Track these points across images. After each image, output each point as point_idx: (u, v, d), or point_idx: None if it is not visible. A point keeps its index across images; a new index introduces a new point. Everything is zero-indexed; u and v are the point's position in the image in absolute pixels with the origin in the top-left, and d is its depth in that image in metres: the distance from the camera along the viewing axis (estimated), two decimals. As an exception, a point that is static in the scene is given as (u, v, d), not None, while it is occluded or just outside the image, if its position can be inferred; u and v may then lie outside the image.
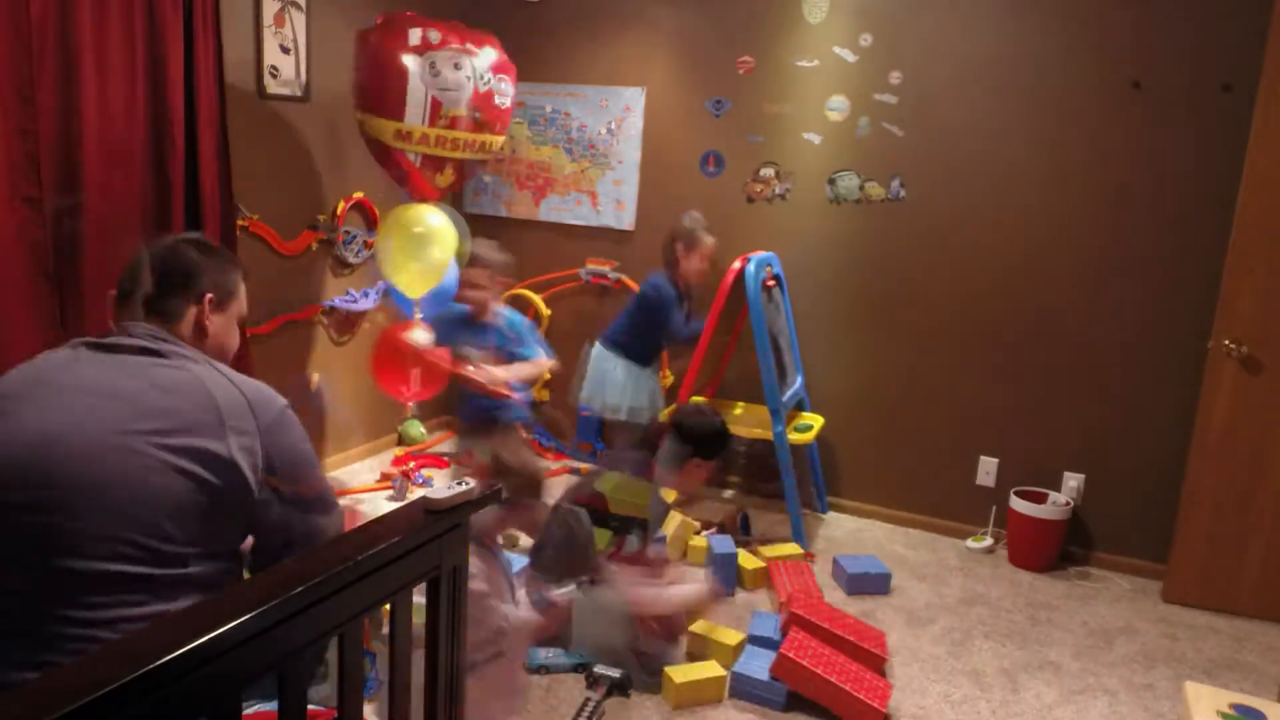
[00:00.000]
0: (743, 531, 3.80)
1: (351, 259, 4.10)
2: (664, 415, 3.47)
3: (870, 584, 3.38)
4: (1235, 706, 2.37)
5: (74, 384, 1.45)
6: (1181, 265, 3.50)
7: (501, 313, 3.28)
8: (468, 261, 3.24)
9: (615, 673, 2.61)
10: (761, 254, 3.78)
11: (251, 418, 1.53)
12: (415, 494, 3.63)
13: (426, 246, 3.60)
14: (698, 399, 3.93)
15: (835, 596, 3.32)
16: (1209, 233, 3.41)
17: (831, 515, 4.13)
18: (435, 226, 3.62)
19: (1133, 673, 2.93)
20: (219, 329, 1.68)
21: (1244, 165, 3.22)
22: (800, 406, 4.06)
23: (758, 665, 2.66)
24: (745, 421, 3.86)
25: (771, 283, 3.81)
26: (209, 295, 1.64)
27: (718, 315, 3.66)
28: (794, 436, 3.67)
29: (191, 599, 1.44)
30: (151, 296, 1.61)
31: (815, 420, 3.93)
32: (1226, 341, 3.28)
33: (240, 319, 1.76)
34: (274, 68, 3.58)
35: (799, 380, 4.01)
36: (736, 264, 3.65)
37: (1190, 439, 3.40)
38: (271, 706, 1.34)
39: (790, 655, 2.58)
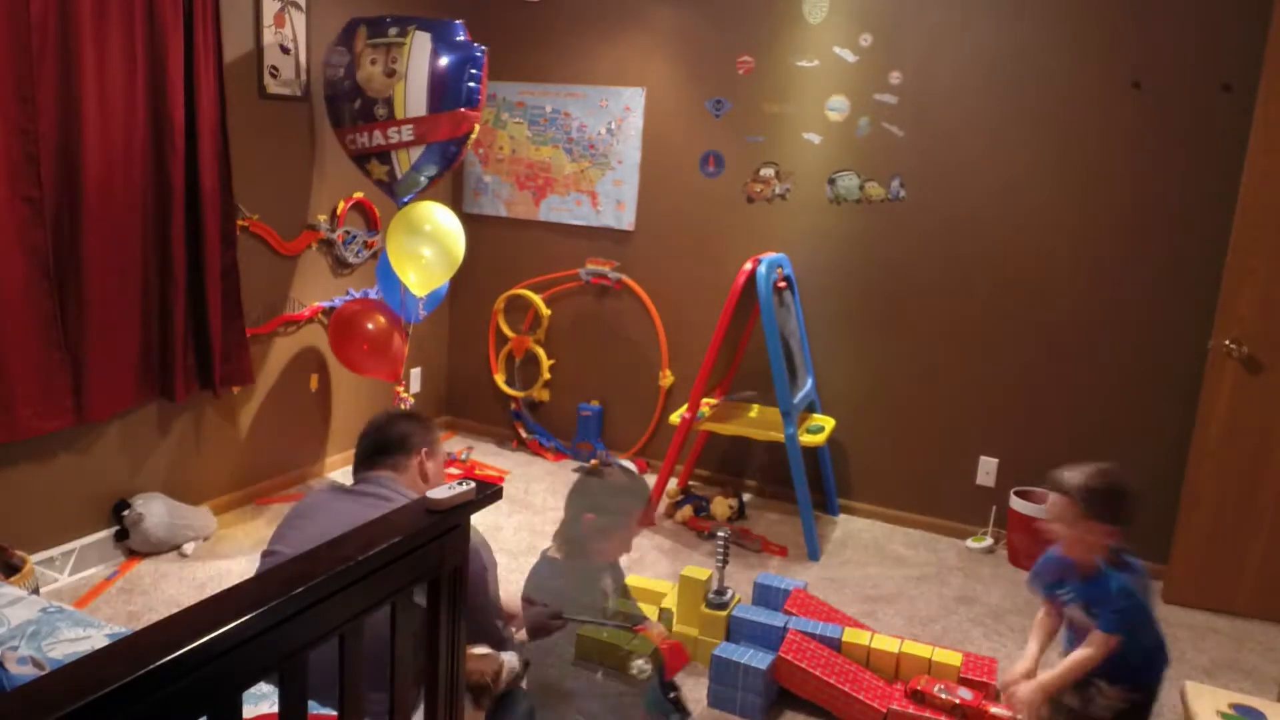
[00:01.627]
0: (739, 515, 3.81)
1: (351, 259, 4.10)
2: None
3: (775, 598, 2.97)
4: (1235, 706, 2.37)
5: (333, 508, 2.03)
6: (1182, 265, 3.50)
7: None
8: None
9: None
10: (773, 255, 3.77)
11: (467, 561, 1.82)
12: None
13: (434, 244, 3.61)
14: (709, 400, 3.92)
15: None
16: (1209, 233, 3.41)
17: (842, 517, 4.13)
18: (442, 224, 3.62)
19: (1133, 673, 2.92)
20: (433, 472, 2.23)
21: (1244, 165, 3.22)
22: (811, 408, 4.06)
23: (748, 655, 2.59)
24: (757, 424, 3.85)
25: (782, 284, 3.81)
26: (424, 449, 2.20)
27: (729, 317, 3.66)
28: (805, 439, 3.67)
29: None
30: (379, 457, 2.15)
31: (826, 422, 3.92)
32: (1227, 342, 3.28)
33: (444, 457, 2.38)
34: (274, 68, 3.58)
35: (810, 382, 4.01)
36: (748, 265, 3.64)
37: (1190, 439, 3.40)
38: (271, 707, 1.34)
39: (788, 658, 2.58)
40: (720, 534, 2.84)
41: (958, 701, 2.37)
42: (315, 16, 3.73)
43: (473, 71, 3.48)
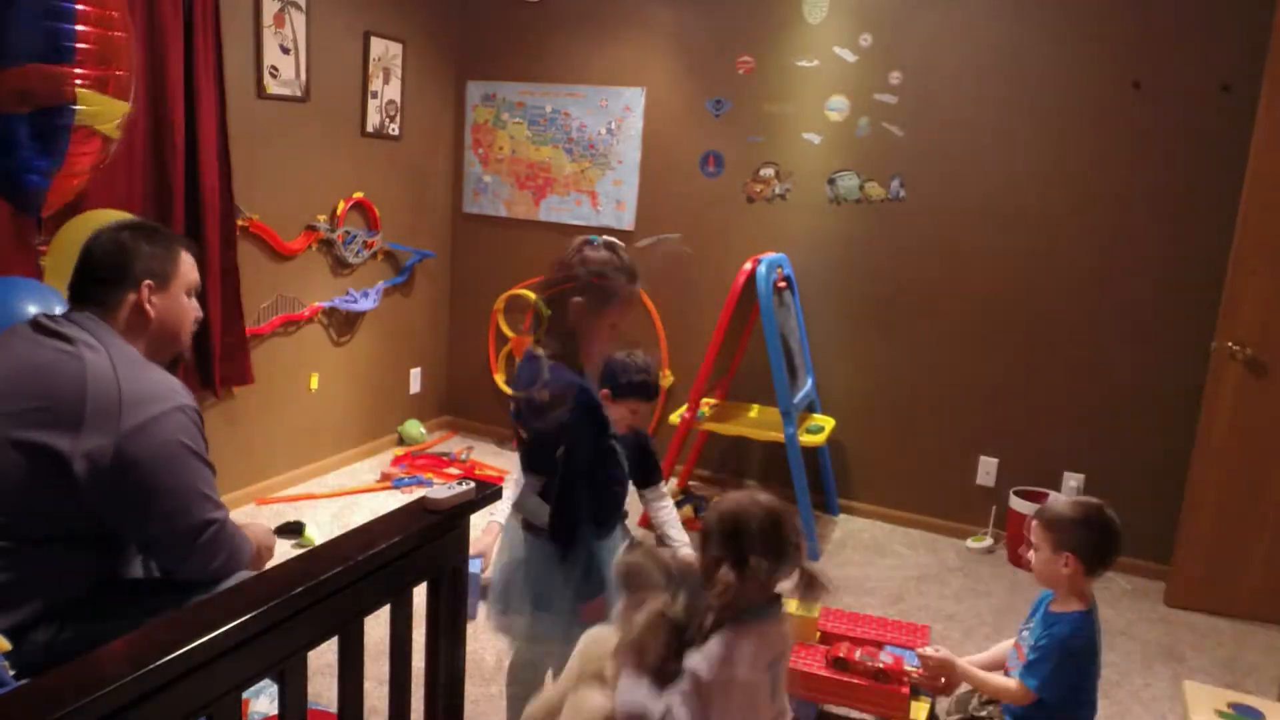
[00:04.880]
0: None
1: (351, 259, 4.10)
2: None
3: None
4: (1234, 705, 2.37)
5: (13, 350, 1.60)
6: (1182, 265, 3.50)
7: None
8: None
9: None
10: (772, 255, 3.77)
11: (116, 418, 1.53)
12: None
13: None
14: (709, 400, 3.92)
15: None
16: (1210, 233, 3.41)
17: (842, 517, 4.13)
18: None
19: (1132, 672, 2.93)
20: (163, 310, 1.70)
21: (1246, 167, 3.21)
22: (811, 408, 4.06)
23: None
24: (757, 424, 3.85)
25: (782, 284, 3.81)
26: (147, 281, 1.68)
27: (729, 316, 3.65)
28: (805, 439, 3.67)
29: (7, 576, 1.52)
30: (87, 287, 1.67)
31: (826, 422, 3.92)
32: (1230, 344, 3.27)
33: (190, 289, 1.78)
34: (274, 68, 3.58)
35: (809, 382, 4.01)
36: (748, 265, 3.64)
37: (1192, 440, 3.39)
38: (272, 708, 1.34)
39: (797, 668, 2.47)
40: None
41: (881, 667, 2.39)
42: (315, 17, 3.73)
43: (54, 3, 2.27)
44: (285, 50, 3.62)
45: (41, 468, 1.51)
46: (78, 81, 2.33)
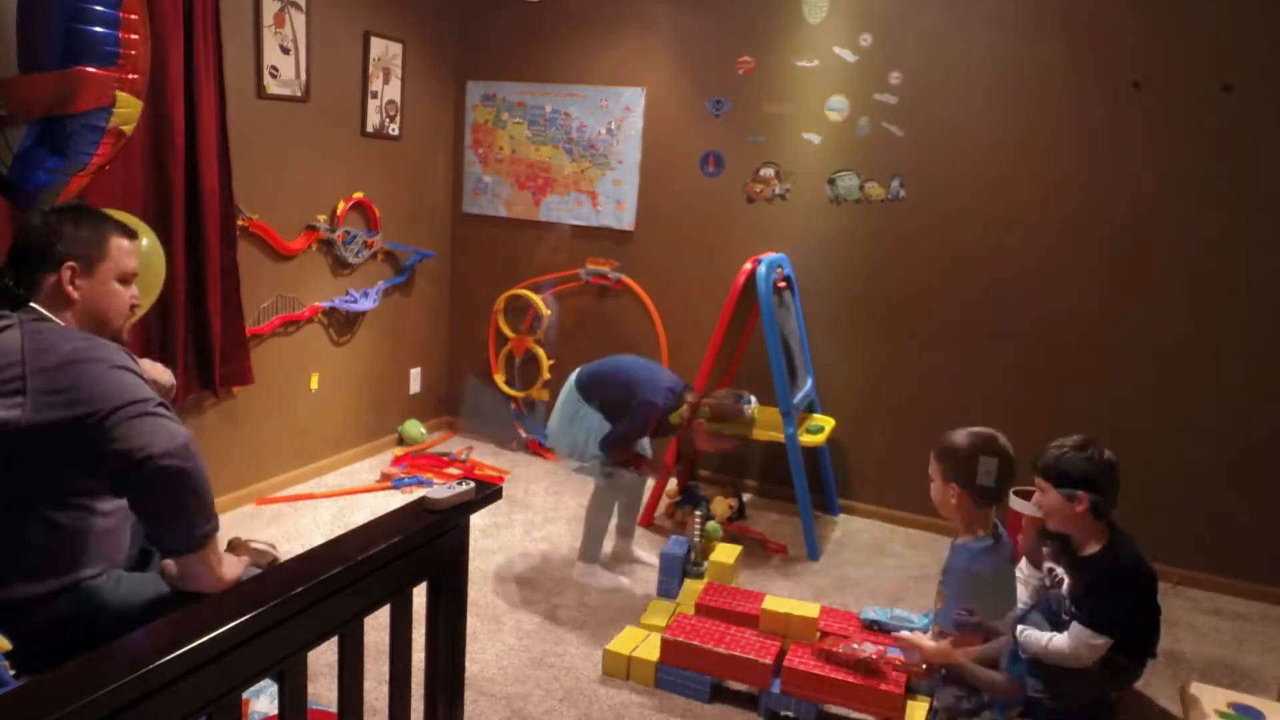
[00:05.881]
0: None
1: (351, 259, 4.10)
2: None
3: None
4: (1234, 705, 2.37)
5: None
6: (1184, 264, 3.50)
7: None
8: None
9: None
10: (772, 255, 3.77)
11: (19, 367, 1.51)
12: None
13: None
14: (710, 400, 3.91)
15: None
16: (1210, 233, 3.41)
17: (841, 517, 4.12)
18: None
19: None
20: (89, 294, 1.69)
21: None
22: (811, 408, 4.05)
23: None
24: (758, 424, 3.84)
25: (782, 284, 3.80)
26: (69, 264, 1.67)
27: (729, 316, 3.65)
28: (805, 439, 3.67)
29: None
30: (13, 265, 1.67)
31: (826, 422, 3.92)
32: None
33: (122, 276, 1.75)
34: (274, 68, 3.58)
35: (809, 382, 4.01)
36: (748, 265, 3.64)
37: (1195, 442, 3.38)
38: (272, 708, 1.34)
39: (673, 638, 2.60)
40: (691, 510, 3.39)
41: (861, 656, 2.42)
42: (315, 17, 3.73)
43: (99, 9, 2.24)
44: (285, 50, 3.62)
45: None
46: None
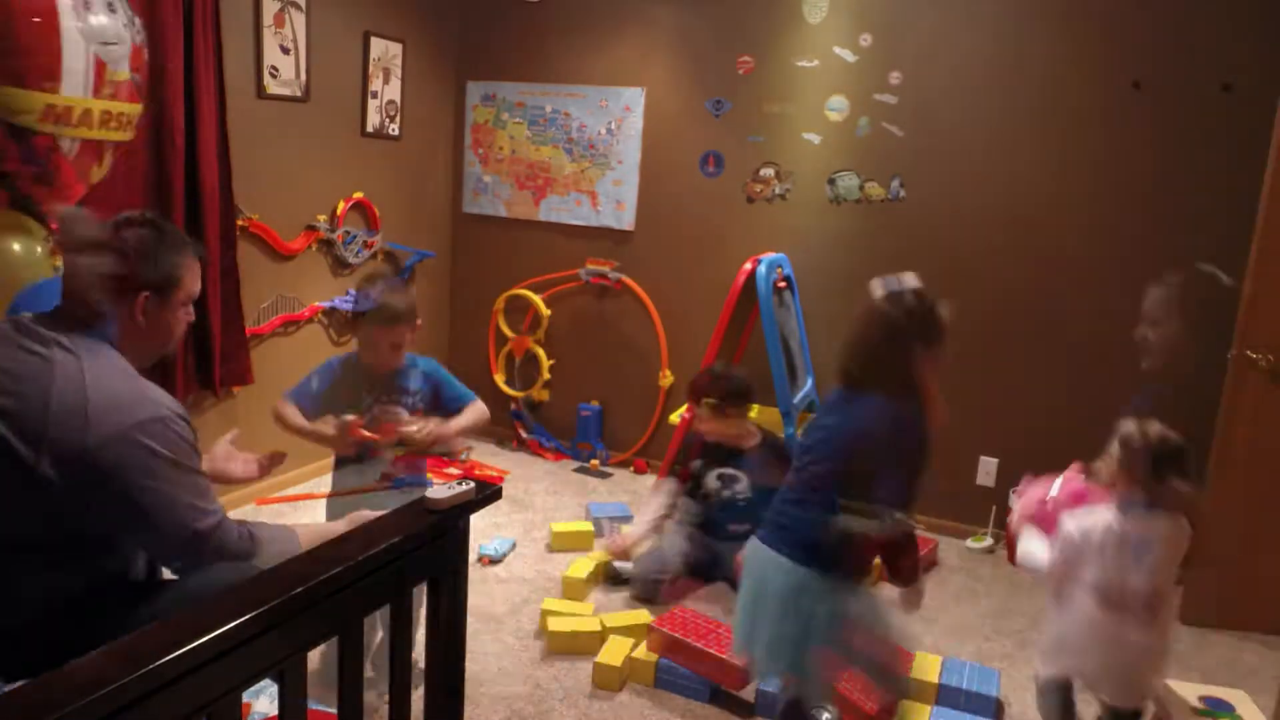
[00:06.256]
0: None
1: (351, 259, 4.10)
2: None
3: None
4: (1205, 699, 2.39)
5: None
6: (1184, 263, 3.48)
7: (412, 359, 2.59)
8: (386, 318, 2.43)
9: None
10: (772, 255, 3.77)
11: (83, 431, 1.45)
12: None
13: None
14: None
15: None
16: (1211, 233, 3.41)
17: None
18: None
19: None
20: (155, 321, 1.62)
21: (1266, 170, 3.02)
22: (811, 408, 4.05)
23: None
24: (758, 424, 3.84)
25: (782, 284, 3.80)
26: (144, 294, 1.59)
27: (729, 316, 3.65)
28: (803, 438, 3.66)
29: None
30: (78, 295, 1.56)
31: (825, 421, 3.91)
32: (1249, 352, 3.10)
33: (189, 299, 1.70)
34: (274, 68, 3.58)
35: (809, 382, 4.01)
36: (748, 265, 3.64)
37: (1202, 446, 3.34)
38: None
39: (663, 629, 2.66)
40: None
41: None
42: (315, 17, 3.73)
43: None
44: (285, 50, 3.62)
45: (3, 467, 1.45)
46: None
